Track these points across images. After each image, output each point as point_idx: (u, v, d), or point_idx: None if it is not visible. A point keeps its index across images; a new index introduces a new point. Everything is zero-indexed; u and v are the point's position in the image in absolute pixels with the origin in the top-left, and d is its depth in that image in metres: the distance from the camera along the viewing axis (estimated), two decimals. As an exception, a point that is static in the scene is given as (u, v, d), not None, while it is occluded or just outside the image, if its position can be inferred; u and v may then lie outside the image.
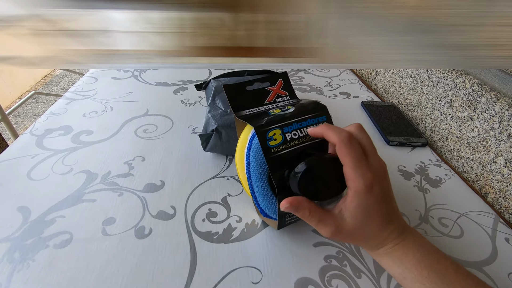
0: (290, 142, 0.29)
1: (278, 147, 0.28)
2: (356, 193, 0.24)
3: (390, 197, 0.26)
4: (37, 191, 0.37)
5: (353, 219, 0.25)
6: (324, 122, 0.31)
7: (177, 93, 0.62)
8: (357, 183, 0.24)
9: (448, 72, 0.52)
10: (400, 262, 0.26)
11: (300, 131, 0.29)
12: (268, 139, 0.28)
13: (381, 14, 0.31)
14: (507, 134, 0.41)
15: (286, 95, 0.37)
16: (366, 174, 0.24)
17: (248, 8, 0.28)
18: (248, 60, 0.31)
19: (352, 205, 0.24)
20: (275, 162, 0.28)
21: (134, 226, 0.34)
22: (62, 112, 0.53)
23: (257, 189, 0.31)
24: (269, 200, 0.31)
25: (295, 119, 0.30)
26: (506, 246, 0.36)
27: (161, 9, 0.27)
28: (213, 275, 0.30)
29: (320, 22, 0.30)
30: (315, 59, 0.33)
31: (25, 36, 0.26)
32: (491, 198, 0.44)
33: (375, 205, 0.24)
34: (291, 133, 0.29)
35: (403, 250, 0.26)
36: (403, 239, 0.26)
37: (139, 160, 0.43)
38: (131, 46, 0.28)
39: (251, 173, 0.30)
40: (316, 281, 0.30)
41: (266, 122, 0.29)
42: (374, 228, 0.25)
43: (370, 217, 0.25)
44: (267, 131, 0.28)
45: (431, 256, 0.25)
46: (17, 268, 0.29)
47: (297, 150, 0.29)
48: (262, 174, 0.30)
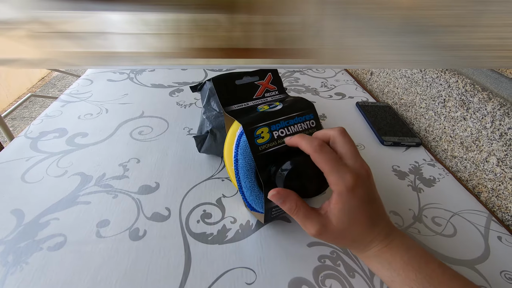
0: (277, 140, 0.29)
1: (265, 145, 0.29)
2: (339, 195, 0.24)
3: (374, 199, 0.26)
4: (31, 194, 0.37)
5: (338, 221, 0.25)
6: (311, 121, 0.32)
7: (172, 95, 0.62)
8: (339, 185, 0.24)
9: (441, 72, 0.53)
10: (389, 265, 0.26)
11: (287, 129, 0.30)
12: (256, 137, 0.28)
13: (376, 15, 0.32)
14: (499, 134, 0.42)
15: (274, 89, 0.37)
16: (345, 176, 0.24)
17: (244, 10, 0.28)
18: (244, 61, 0.32)
19: (337, 207, 0.25)
20: (262, 159, 0.28)
21: (128, 228, 0.34)
22: (57, 115, 0.53)
23: (244, 185, 0.31)
24: (256, 195, 0.32)
25: (283, 117, 0.30)
26: (499, 244, 0.36)
27: (158, 11, 0.27)
28: (207, 276, 0.30)
29: (316, 23, 0.31)
30: (311, 60, 0.33)
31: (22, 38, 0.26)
32: (484, 197, 0.45)
33: (359, 207, 0.24)
34: (279, 131, 0.29)
35: (391, 253, 0.26)
36: (390, 241, 0.26)
37: (134, 162, 0.43)
38: (127, 48, 0.28)
39: (239, 170, 0.31)
40: (310, 281, 0.30)
41: (254, 120, 0.29)
42: (359, 230, 0.25)
43: (354, 219, 0.25)
44: (255, 129, 0.29)
45: (418, 258, 0.25)
46: (10, 271, 0.29)
47: (284, 148, 0.29)
48: (249, 170, 0.31)
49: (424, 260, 0.25)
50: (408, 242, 0.27)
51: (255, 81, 0.36)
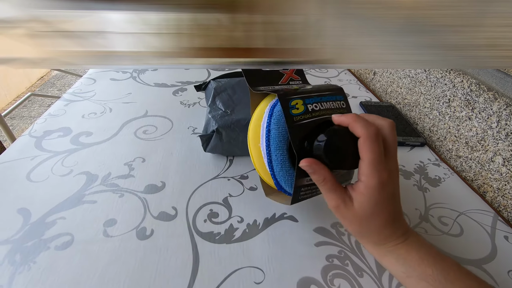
0: (312, 113, 0.29)
1: (300, 116, 0.28)
2: (367, 188, 0.24)
3: (398, 198, 0.27)
4: (37, 193, 0.37)
5: (360, 208, 0.25)
6: (341, 102, 0.32)
7: (176, 94, 0.62)
8: (371, 179, 0.24)
9: (446, 72, 0.53)
10: (404, 260, 0.26)
11: (320, 104, 0.30)
12: (291, 107, 0.28)
13: (378, 15, 0.32)
14: (505, 133, 0.42)
15: (298, 79, 0.37)
16: (382, 173, 0.24)
17: (245, 9, 0.28)
18: (245, 61, 0.31)
19: (362, 197, 0.25)
20: (297, 129, 0.28)
21: (135, 227, 0.34)
22: (60, 114, 0.53)
23: (275, 158, 0.30)
24: (286, 171, 0.31)
25: (316, 93, 0.30)
26: (505, 244, 0.36)
27: (158, 10, 0.26)
28: (216, 275, 0.30)
29: (318, 23, 0.31)
30: (313, 60, 0.33)
31: (22, 37, 0.25)
32: (489, 197, 0.45)
33: (384, 203, 0.25)
34: (313, 105, 0.29)
35: (406, 249, 0.26)
36: (406, 239, 0.26)
37: (139, 161, 0.43)
38: (128, 47, 0.28)
39: (270, 141, 0.30)
40: (319, 281, 0.30)
41: (288, 92, 0.29)
42: (379, 224, 0.26)
43: (376, 213, 0.25)
44: (290, 99, 0.29)
45: (433, 254, 0.26)
46: (18, 270, 0.29)
47: (318, 121, 0.29)
48: (282, 142, 0.30)
49: (439, 256, 0.25)
50: (422, 240, 0.27)
51: (280, 69, 0.36)
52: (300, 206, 0.38)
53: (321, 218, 0.37)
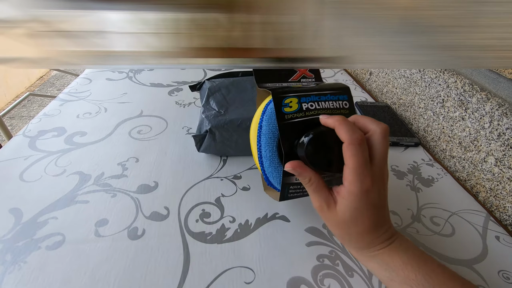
0: (306, 112, 0.29)
1: (292, 114, 0.28)
2: (349, 194, 0.24)
3: (383, 205, 0.26)
4: (29, 193, 0.37)
5: (341, 213, 0.25)
6: (344, 102, 0.31)
7: (171, 94, 0.62)
8: (353, 186, 0.24)
9: (440, 73, 0.53)
10: (387, 265, 0.26)
11: (317, 103, 0.29)
12: (283, 105, 0.28)
13: (374, 15, 0.32)
14: (497, 134, 0.42)
15: (312, 77, 0.36)
16: (365, 180, 0.24)
17: (243, 9, 0.28)
18: (243, 61, 0.32)
19: (344, 202, 0.25)
20: (286, 128, 0.28)
21: (127, 227, 0.34)
22: (55, 114, 0.53)
23: (265, 154, 0.31)
24: (275, 167, 0.31)
25: (315, 92, 0.30)
26: (496, 244, 0.36)
27: (157, 10, 0.27)
28: (206, 275, 0.30)
29: (315, 23, 0.31)
30: (311, 59, 0.33)
31: (21, 37, 0.26)
32: (482, 197, 0.45)
33: (365, 210, 0.24)
34: (308, 104, 0.29)
35: (389, 254, 0.26)
36: (390, 243, 0.26)
37: (133, 161, 0.43)
38: (126, 47, 0.28)
39: (261, 137, 0.30)
40: (309, 281, 0.30)
41: (284, 90, 0.29)
42: (359, 230, 0.25)
43: (356, 219, 0.25)
44: (284, 97, 0.28)
45: (416, 259, 0.25)
46: (8, 270, 0.29)
47: (311, 121, 0.28)
48: (272, 138, 0.30)
49: (423, 260, 0.25)
50: (406, 243, 0.27)
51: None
52: (292, 206, 0.38)
53: (313, 218, 0.37)
